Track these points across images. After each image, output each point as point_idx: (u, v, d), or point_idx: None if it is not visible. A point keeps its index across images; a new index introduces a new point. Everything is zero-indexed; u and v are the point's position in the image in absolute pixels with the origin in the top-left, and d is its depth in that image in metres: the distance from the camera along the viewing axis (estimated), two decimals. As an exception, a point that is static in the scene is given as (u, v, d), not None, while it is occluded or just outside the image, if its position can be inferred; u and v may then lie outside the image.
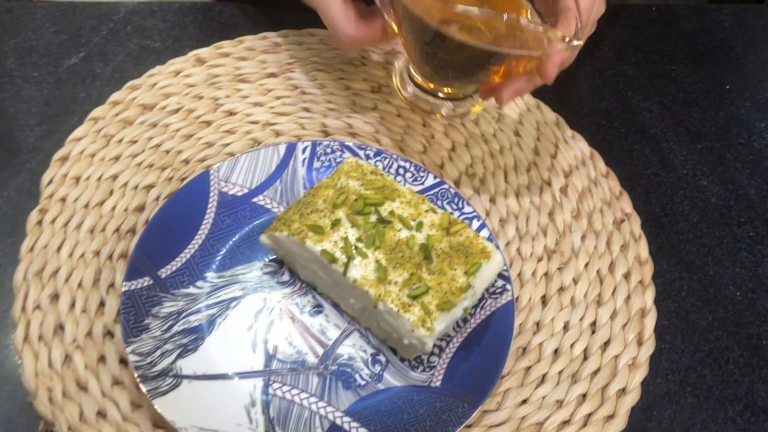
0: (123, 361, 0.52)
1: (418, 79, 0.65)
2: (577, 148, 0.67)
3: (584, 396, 0.53)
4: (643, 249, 0.61)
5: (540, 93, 0.72)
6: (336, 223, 0.53)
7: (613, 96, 0.76)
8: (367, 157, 0.61)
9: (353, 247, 0.51)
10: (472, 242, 0.53)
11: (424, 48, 0.56)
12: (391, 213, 0.54)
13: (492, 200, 0.63)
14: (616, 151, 0.71)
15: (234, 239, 0.57)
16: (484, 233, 0.57)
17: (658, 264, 0.61)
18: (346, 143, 0.61)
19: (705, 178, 0.69)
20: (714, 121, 0.74)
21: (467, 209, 0.59)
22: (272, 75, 0.69)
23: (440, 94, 0.65)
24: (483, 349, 0.52)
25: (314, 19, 0.60)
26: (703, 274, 0.62)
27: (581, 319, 0.57)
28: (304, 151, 0.61)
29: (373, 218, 0.53)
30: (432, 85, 0.65)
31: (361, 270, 0.50)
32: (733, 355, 0.58)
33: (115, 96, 0.66)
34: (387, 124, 0.67)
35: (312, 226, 0.52)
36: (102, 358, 0.52)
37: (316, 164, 0.61)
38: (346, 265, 0.50)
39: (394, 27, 0.58)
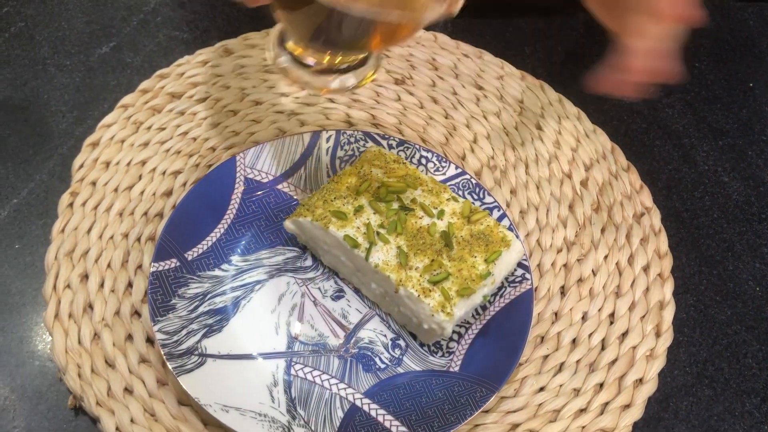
0: (149, 340, 0.53)
1: (295, 47, 0.54)
2: (598, 142, 0.68)
3: (601, 385, 0.54)
4: (662, 242, 0.61)
5: (562, 88, 0.73)
6: (359, 210, 0.54)
7: (635, 92, 0.76)
8: (390, 146, 0.62)
9: (375, 233, 0.52)
10: (493, 231, 0.54)
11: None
12: (413, 201, 0.55)
13: (513, 192, 0.64)
14: (637, 146, 0.71)
15: (259, 224, 0.58)
16: (505, 223, 0.58)
17: (677, 258, 0.62)
18: (369, 133, 0.62)
19: (726, 174, 0.69)
20: (736, 118, 0.74)
21: (488, 199, 0.59)
22: (298, 66, 0.70)
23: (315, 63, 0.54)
24: (501, 336, 0.53)
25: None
26: (723, 269, 0.63)
27: (600, 310, 0.57)
28: (328, 140, 0.62)
29: (395, 205, 0.54)
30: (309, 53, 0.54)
31: (383, 255, 0.51)
32: (752, 350, 0.58)
33: (144, 84, 0.68)
34: (410, 115, 0.68)
35: (335, 212, 0.53)
36: (129, 337, 0.53)
37: (340, 153, 0.62)
38: (368, 251, 0.51)
39: None
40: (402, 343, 0.54)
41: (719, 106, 0.75)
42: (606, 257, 0.60)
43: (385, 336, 0.54)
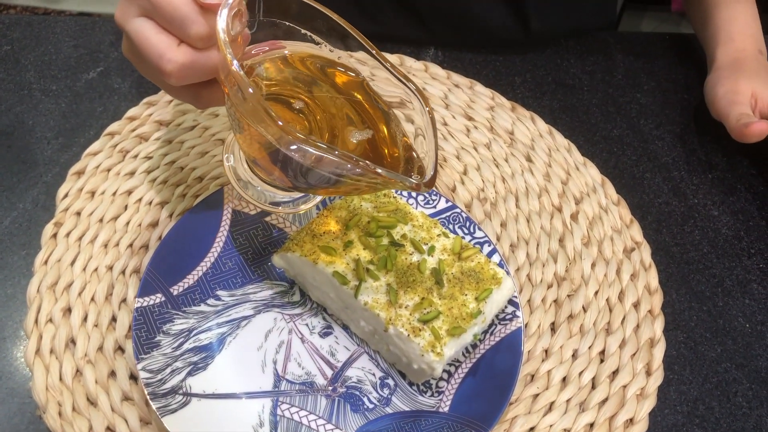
0: (133, 377, 0.52)
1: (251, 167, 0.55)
2: (588, 174, 0.68)
3: (592, 425, 0.53)
4: (653, 278, 0.61)
5: (552, 119, 0.73)
6: (348, 245, 0.53)
7: (625, 123, 0.76)
8: (380, 179, 0.61)
9: (365, 270, 0.51)
10: (484, 268, 0.53)
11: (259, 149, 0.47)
12: (404, 236, 0.54)
13: (503, 225, 0.63)
14: (627, 178, 0.71)
15: (246, 258, 0.57)
16: (495, 259, 0.57)
17: (667, 294, 0.61)
18: (359, 165, 0.61)
19: (716, 208, 0.69)
20: (726, 152, 0.74)
21: (479, 234, 0.59)
22: (288, 94, 0.70)
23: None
24: (492, 375, 0.52)
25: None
26: (713, 305, 0.62)
27: (590, 348, 0.57)
28: (317, 171, 0.61)
29: (385, 241, 0.54)
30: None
31: (372, 293, 0.51)
32: (742, 388, 0.58)
33: (131, 111, 0.67)
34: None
35: (324, 247, 0.53)
36: (112, 374, 0.52)
37: (329, 185, 0.61)
38: (358, 288, 0.51)
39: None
40: (391, 382, 0.53)
41: (708, 138, 0.75)
42: (596, 293, 0.60)
43: (373, 375, 0.53)
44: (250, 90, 0.40)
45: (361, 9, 0.80)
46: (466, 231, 0.59)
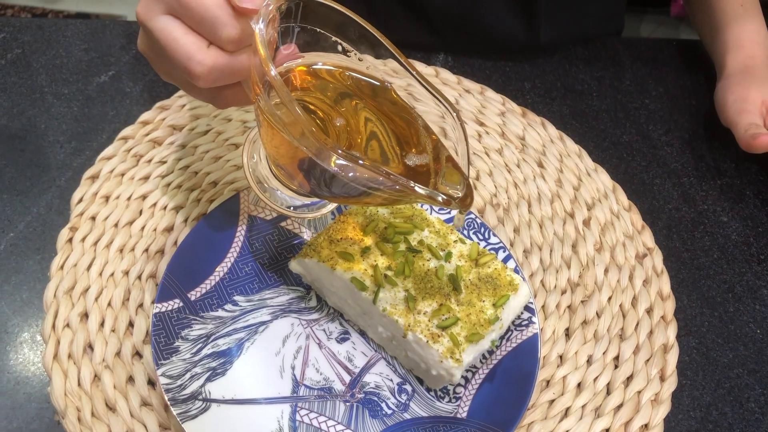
0: (151, 383, 0.52)
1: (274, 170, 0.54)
2: (599, 180, 0.68)
3: (607, 431, 0.54)
4: (665, 284, 0.61)
5: (562, 124, 0.73)
6: (366, 251, 0.53)
7: (634, 129, 0.76)
8: (395, 184, 0.61)
9: (383, 276, 0.52)
10: (500, 274, 0.53)
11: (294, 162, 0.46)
12: (420, 242, 0.54)
13: (516, 230, 0.64)
14: (637, 184, 0.71)
15: (263, 263, 0.58)
16: (510, 264, 0.58)
17: (679, 300, 0.62)
18: (374, 170, 0.62)
19: (725, 214, 0.70)
20: (734, 158, 0.74)
21: (493, 240, 0.59)
22: (300, 99, 0.70)
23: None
24: (509, 381, 0.52)
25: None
26: (724, 311, 0.63)
27: (604, 353, 0.57)
28: (332, 177, 0.61)
29: (403, 247, 0.54)
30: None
31: (391, 299, 0.51)
32: (754, 394, 0.58)
33: (145, 116, 0.67)
34: (413, 151, 0.68)
35: (342, 253, 0.53)
36: (131, 379, 0.52)
37: (344, 190, 0.61)
38: (376, 294, 0.51)
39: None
40: (408, 387, 0.53)
41: (717, 144, 0.76)
42: (609, 299, 0.60)
43: (391, 380, 0.53)
44: (290, 100, 0.39)
45: (373, 14, 0.80)
46: (481, 237, 0.59)
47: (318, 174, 0.44)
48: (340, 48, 0.48)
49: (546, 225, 0.64)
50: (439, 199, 0.42)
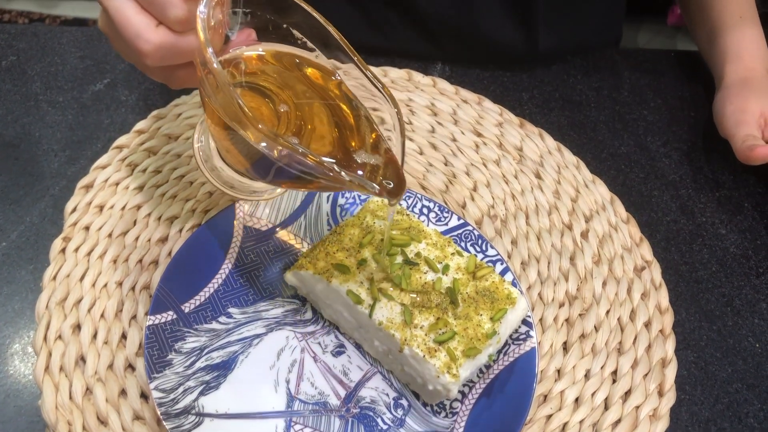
0: (144, 396, 0.52)
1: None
2: (597, 192, 0.68)
3: (605, 446, 0.53)
4: (663, 297, 0.61)
5: (560, 135, 0.73)
6: (362, 264, 0.53)
7: (632, 140, 0.76)
8: (392, 195, 0.61)
9: (379, 289, 0.51)
10: (498, 287, 0.53)
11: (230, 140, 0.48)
12: (417, 255, 0.54)
13: (514, 242, 0.63)
14: (635, 196, 0.71)
15: (257, 275, 0.57)
16: (508, 277, 0.57)
17: (677, 313, 0.61)
18: (371, 181, 0.61)
19: (723, 226, 0.70)
20: (732, 170, 0.74)
21: (491, 252, 0.59)
22: (297, 109, 0.70)
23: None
24: (506, 396, 0.52)
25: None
26: (723, 325, 0.62)
27: (602, 368, 0.56)
28: (328, 187, 0.61)
29: (399, 259, 0.53)
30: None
31: (387, 312, 0.50)
32: (753, 409, 0.58)
33: (140, 125, 0.66)
34: (410, 161, 0.67)
35: (338, 265, 0.52)
36: (123, 392, 0.51)
37: (341, 201, 0.61)
38: (372, 307, 0.50)
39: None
40: (404, 402, 0.53)
41: (715, 156, 0.75)
42: (607, 312, 0.59)
43: (387, 395, 0.53)
44: (223, 78, 0.40)
45: (371, 23, 0.80)
46: (479, 249, 0.59)
47: (257, 158, 0.45)
48: (292, 36, 0.49)
49: (544, 237, 0.64)
50: (370, 188, 0.43)
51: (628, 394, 0.55)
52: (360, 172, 0.46)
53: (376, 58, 0.76)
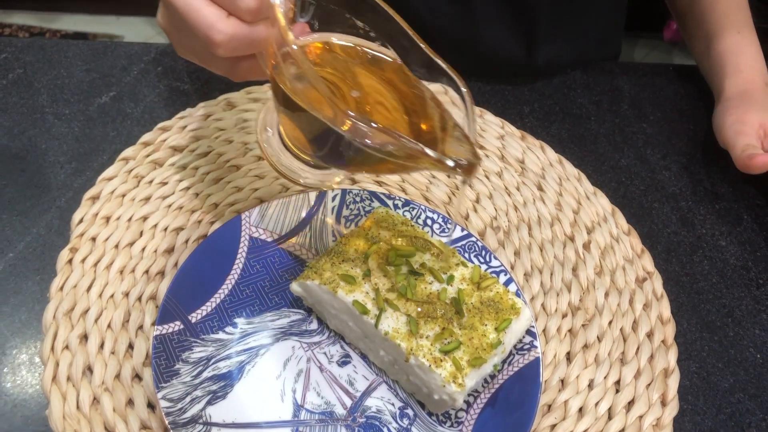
0: (150, 406, 0.52)
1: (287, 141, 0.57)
2: (599, 204, 0.68)
3: (609, 456, 0.53)
4: (665, 308, 0.61)
5: (561, 148, 0.74)
6: (367, 274, 0.53)
7: (632, 153, 0.77)
8: (396, 206, 0.62)
9: (384, 299, 0.52)
10: (503, 298, 0.53)
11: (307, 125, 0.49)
12: (422, 265, 0.54)
13: (516, 253, 0.64)
14: (636, 208, 0.72)
15: (263, 285, 0.57)
16: (512, 288, 0.58)
17: (679, 324, 0.62)
18: (375, 192, 0.62)
19: (723, 238, 0.70)
20: (732, 182, 0.75)
21: (494, 263, 0.59)
22: (301, 121, 0.70)
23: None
24: (510, 405, 0.52)
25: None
26: (724, 336, 0.63)
27: (605, 378, 0.57)
28: (333, 198, 0.61)
29: (404, 270, 0.54)
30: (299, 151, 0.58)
31: (393, 322, 0.51)
32: (755, 419, 0.58)
33: (145, 137, 0.67)
34: (412, 173, 0.68)
35: (344, 275, 0.53)
36: (130, 402, 0.52)
37: (345, 212, 0.62)
38: (378, 317, 0.51)
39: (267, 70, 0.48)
40: (410, 412, 0.53)
41: (715, 168, 0.76)
42: (610, 323, 0.60)
43: (392, 405, 0.53)
44: (309, 67, 0.41)
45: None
46: (482, 260, 0.60)
47: (332, 140, 0.46)
48: (354, 26, 0.50)
49: (546, 248, 0.64)
50: (448, 163, 0.43)
51: (631, 404, 0.56)
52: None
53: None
